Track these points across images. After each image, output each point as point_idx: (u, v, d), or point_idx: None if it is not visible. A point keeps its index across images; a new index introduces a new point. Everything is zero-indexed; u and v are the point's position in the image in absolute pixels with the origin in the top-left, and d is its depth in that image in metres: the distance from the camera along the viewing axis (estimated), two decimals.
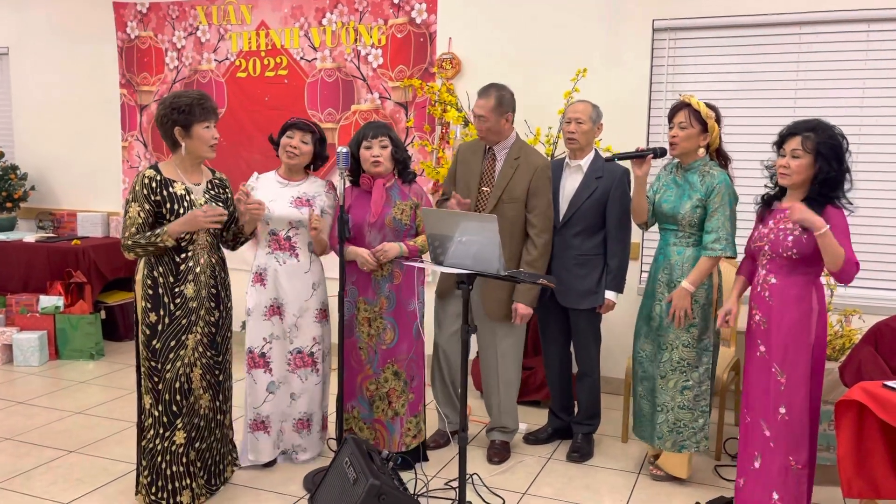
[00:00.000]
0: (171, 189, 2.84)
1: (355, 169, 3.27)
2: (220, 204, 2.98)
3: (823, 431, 3.26)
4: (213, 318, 2.97)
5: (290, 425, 3.38)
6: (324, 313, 3.39)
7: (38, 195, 6.02)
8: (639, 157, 3.14)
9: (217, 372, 3.01)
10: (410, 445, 3.36)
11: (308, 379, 3.35)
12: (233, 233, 3.11)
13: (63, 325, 5.03)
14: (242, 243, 3.18)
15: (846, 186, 2.72)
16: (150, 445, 2.88)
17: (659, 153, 3.17)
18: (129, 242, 2.80)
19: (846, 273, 2.64)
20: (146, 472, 2.90)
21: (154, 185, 2.82)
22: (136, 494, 2.96)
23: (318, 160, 3.38)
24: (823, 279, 3.51)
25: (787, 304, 2.76)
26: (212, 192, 2.97)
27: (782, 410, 2.76)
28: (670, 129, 3.15)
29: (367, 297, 3.26)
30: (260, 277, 3.30)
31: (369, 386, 3.30)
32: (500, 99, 3.33)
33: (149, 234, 2.79)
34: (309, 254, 3.34)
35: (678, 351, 3.15)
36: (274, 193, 3.28)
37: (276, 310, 3.31)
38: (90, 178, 5.85)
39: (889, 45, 3.86)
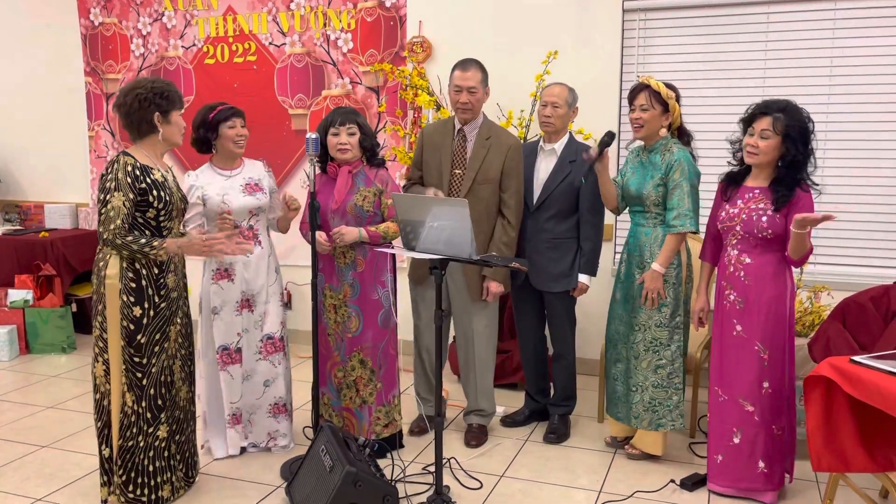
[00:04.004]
0: (152, 176, 2.75)
1: (322, 154, 3.22)
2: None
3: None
4: (186, 308, 2.94)
5: (265, 413, 3.35)
6: (284, 296, 3.41)
7: (4, 187, 5.90)
8: (598, 159, 3.10)
9: (190, 363, 2.99)
10: (381, 434, 3.33)
11: (280, 364, 3.34)
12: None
13: (33, 318, 4.95)
14: None
15: (810, 168, 2.78)
16: (131, 443, 2.77)
17: (608, 140, 3.10)
18: (119, 242, 2.63)
19: (803, 260, 2.77)
20: (121, 472, 2.78)
21: (137, 172, 2.71)
22: (110, 495, 2.82)
23: None
24: None
25: (764, 282, 2.84)
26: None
27: (766, 385, 2.87)
28: (631, 111, 3.15)
29: (332, 285, 3.24)
30: (226, 273, 3.24)
31: (337, 373, 3.29)
32: (483, 69, 3.35)
33: (143, 242, 2.65)
34: (268, 238, 3.34)
35: (651, 331, 3.17)
36: (222, 187, 3.22)
37: (245, 303, 3.27)
38: (57, 168, 5.74)
39: (856, 24, 3.88)
